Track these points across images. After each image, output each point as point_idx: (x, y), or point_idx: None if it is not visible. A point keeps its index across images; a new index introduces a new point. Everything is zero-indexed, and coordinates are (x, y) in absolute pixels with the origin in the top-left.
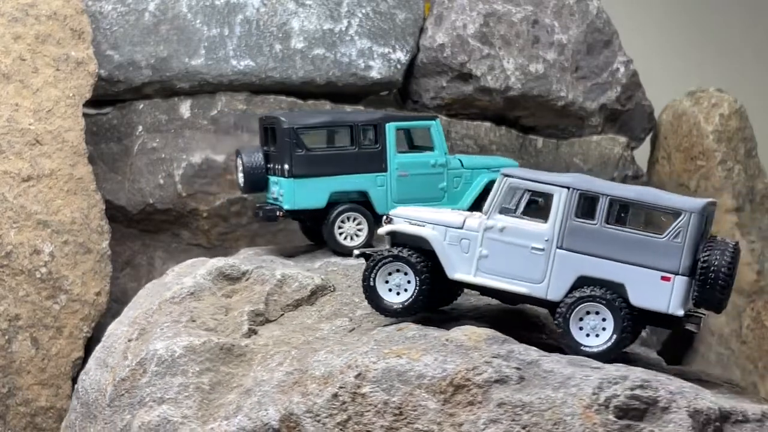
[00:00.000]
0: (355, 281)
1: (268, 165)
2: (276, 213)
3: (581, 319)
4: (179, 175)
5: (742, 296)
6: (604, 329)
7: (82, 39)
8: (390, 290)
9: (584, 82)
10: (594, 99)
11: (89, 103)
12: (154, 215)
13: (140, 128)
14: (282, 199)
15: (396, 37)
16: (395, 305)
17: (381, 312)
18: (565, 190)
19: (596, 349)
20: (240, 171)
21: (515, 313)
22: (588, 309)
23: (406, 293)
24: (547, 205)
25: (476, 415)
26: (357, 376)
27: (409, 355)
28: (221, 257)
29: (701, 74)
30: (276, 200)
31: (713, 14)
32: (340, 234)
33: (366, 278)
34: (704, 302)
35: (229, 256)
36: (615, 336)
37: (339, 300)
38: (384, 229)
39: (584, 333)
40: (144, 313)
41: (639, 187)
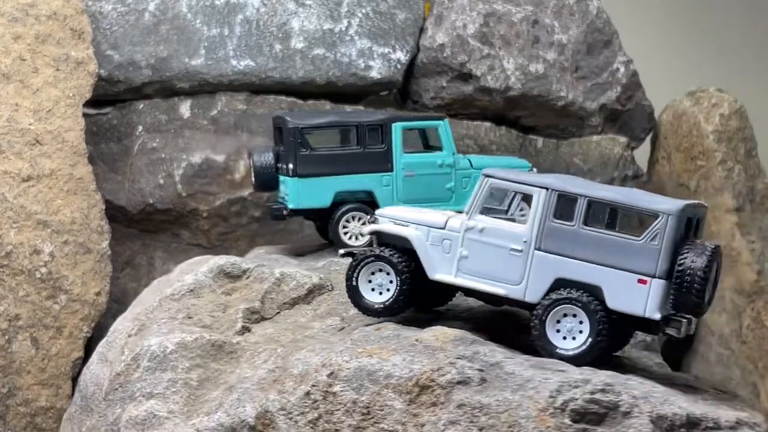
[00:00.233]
0: None
1: (279, 164)
2: (282, 212)
3: (558, 322)
4: (179, 175)
5: (742, 296)
6: (581, 332)
7: (82, 39)
8: (373, 290)
9: (584, 82)
10: (594, 99)
11: (89, 103)
12: (154, 215)
13: (140, 128)
14: (287, 199)
15: (396, 37)
16: (376, 305)
17: (363, 311)
18: (544, 191)
19: (571, 353)
20: (252, 170)
21: (508, 315)
22: (565, 311)
23: (388, 293)
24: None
25: (437, 416)
26: (329, 375)
27: (380, 355)
28: (224, 255)
29: (701, 74)
30: (283, 199)
31: (713, 14)
32: (345, 233)
33: (349, 277)
34: (681, 306)
35: (239, 255)
36: (590, 339)
37: (335, 299)
38: (367, 229)
39: (561, 336)
40: (145, 310)
41: (621, 189)
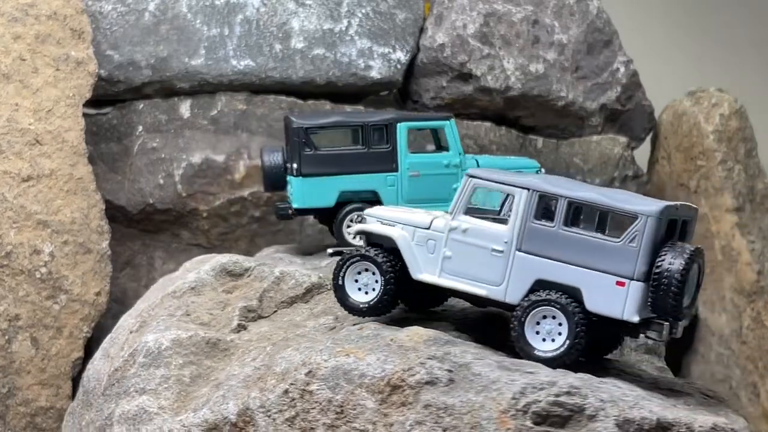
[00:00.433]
0: None
1: (287, 164)
2: (288, 212)
3: (538, 324)
4: (179, 175)
5: (742, 296)
6: (560, 334)
7: (82, 39)
8: (359, 289)
9: (584, 82)
10: (594, 99)
11: (89, 103)
12: (154, 215)
13: (140, 128)
14: (292, 198)
15: (396, 37)
16: (361, 304)
17: (348, 311)
18: (525, 191)
19: (549, 355)
20: (261, 170)
21: (502, 316)
22: (544, 313)
23: (374, 292)
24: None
25: (405, 417)
26: (307, 374)
27: (357, 355)
28: (228, 253)
29: (701, 74)
30: (290, 199)
31: (713, 14)
32: (350, 233)
33: (335, 277)
34: (658, 309)
35: (252, 255)
36: (568, 342)
37: (332, 298)
38: (354, 229)
39: (540, 338)
40: (148, 307)
41: (604, 190)
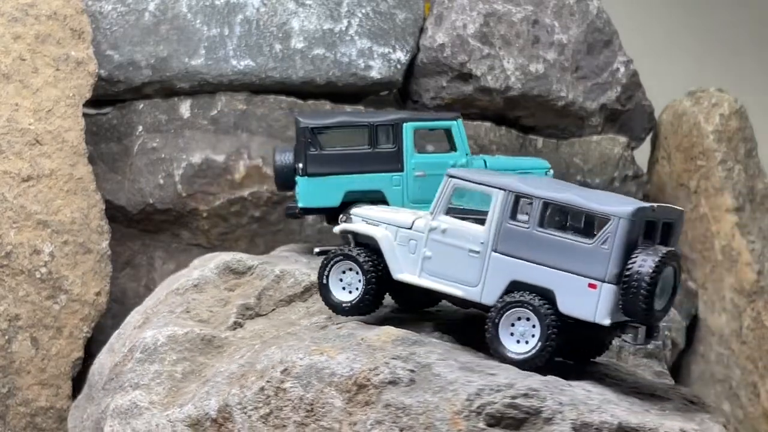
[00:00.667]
0: None
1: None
2: (295, 211)
3: (512, 325)
4: (179, 175)
5: (742, 296)
6: (533, 336)
7: (82, 39)
8: (344, 288)
9: (584, 82)
10: (594, 99)
11: (89, 103)
12: (154, 215)
13: (140, 128)
14: (298, 197)
15: (396, 37)
16: (344, 303)
17: (333, 310)
18: (502, 192)
19: (521, 357)
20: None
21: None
22: (519, 315)
23: (357, 292)
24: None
25: (367, 416)
26: (283, 372)
27: (329, 353)
28: (233, 252)
29: (701, 74)
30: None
31: (713, 14)
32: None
33: (320, 276)
34: (629, 312)
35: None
36: (539, 344)
37: None
38: (337, 228)
39: (515, 339)
40: (153, 303)
41: (583, 191)
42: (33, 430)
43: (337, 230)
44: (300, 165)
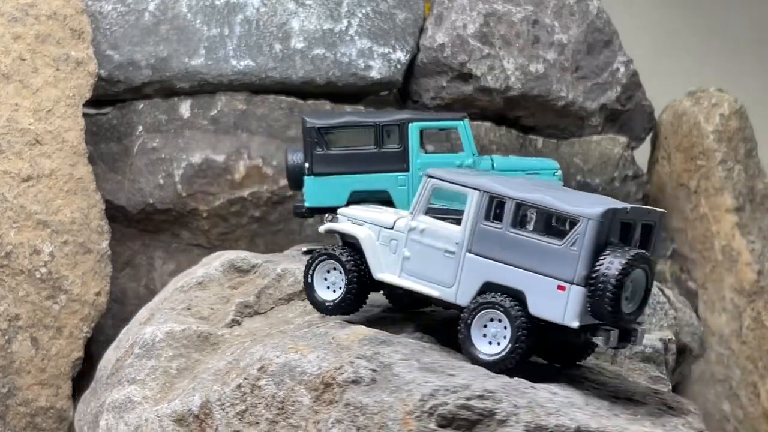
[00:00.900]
0: None
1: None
2: (302, 210)
3: (485, 326)
4: (179, 175)
5: (742, 296)
6: (505, 338)
7: (82, 39)
8: (328, 288)
9: (584, 82)
10: (594, 99)
11: (89, 103)
12: (154, 215)
13: (140, 128)
14: (305, 197)
15: (396, 37)
16: (327, 302)
17: (317, 309)
18: (477, 192)
19: (491, 358)
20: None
21: None
22: (491, 316)
23: (340, 291)
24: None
25: (329, 414)
26: (259, 369)
27: (303, 352)
28: (241, 250)
29: (701, 74)
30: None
31: (714, 14)
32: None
33: (305, 275)
34: (596, 314)
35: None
36: (510, 345)
37: None
38: (322, 228)
39: (487, 341)
40: (159, 300)
41: (559, 191)
42: (33, 430)
43: (322, 230)
44: (307, 164)
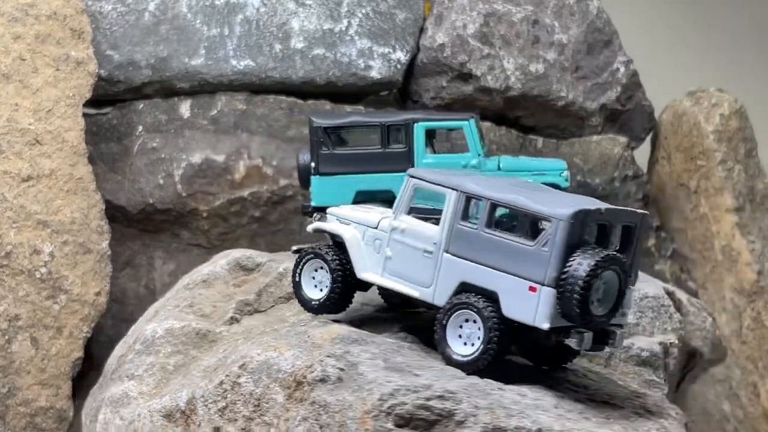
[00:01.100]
0: None
1: None
2: (309, 210)
3: (461, 327)
4: (179, 175)
5: (742, 296)
6: (479, 338)
7: (82, 39)
8: (315, 286)
9: (584, 82)
10: (594, 99)
11: (89, 103)
12: (154, 215)
13: (140, 128)
14: (311, 196)
15: (396, 37)
16: (313, 301)
17: (304, 307)
18: (454, 192)
19: (464, 359)
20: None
21: None
22: (466, 317)
23: (326, 290)
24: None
25: (297, 412)
26: (241, 366)
27: (280, 350)
28: (247, 249)
29: (701, 74)
30: None
31: (713, 14)
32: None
33: (293, 274)
34: (566, 316)
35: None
36: (482, 347)
37: None
38: (310, 227)
39: (462, 341)
40: (167, 297)
41: (537, 191)
42: (33, 430)
43: (310, 229)
44: (313, 164)
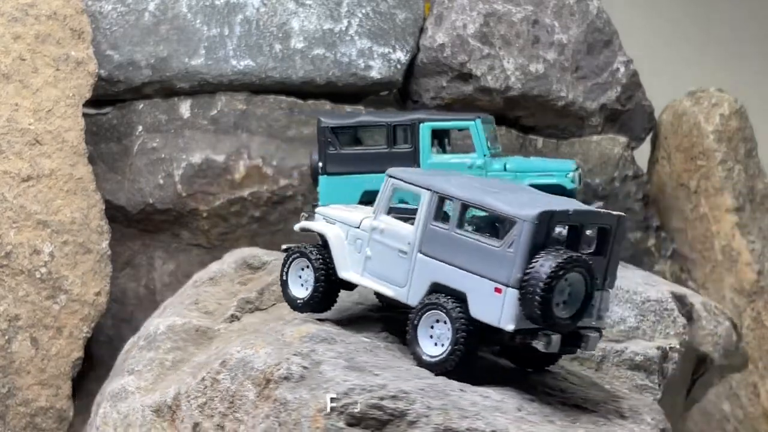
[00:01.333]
0: None
1: None
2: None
3: (432, 327)
4: (179, 175)
5: (742, 296)
6: (448, 339)
7: (82, 39)
8: (301, 285)
9: (584, 82)
10: (594, 99)
11: (89, 103)
12: (154, 215)
13: (140, 128)
14: (319, 196)
15: (396, 37)
16: (297, 300)
17: (290, 306)
18: (428, 192)
19: (433, 360)
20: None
21: None
22: (437, 317)
23: (311, 288)
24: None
25: (261, 409)
26: (221, 363)
27: (257, 348)
28: (254, 247)
29: (701, 74)
30: None
31: (713, 14)
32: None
33: (281, 272)
34: (529, 318)
35: None
36: (449, 348)
37: None
38: (297, 226)
39: (433, 342)
40: (177, 294)
41: (510, 192)
42: (33, 430)
43: (297, 228)
44: (320, 164)
